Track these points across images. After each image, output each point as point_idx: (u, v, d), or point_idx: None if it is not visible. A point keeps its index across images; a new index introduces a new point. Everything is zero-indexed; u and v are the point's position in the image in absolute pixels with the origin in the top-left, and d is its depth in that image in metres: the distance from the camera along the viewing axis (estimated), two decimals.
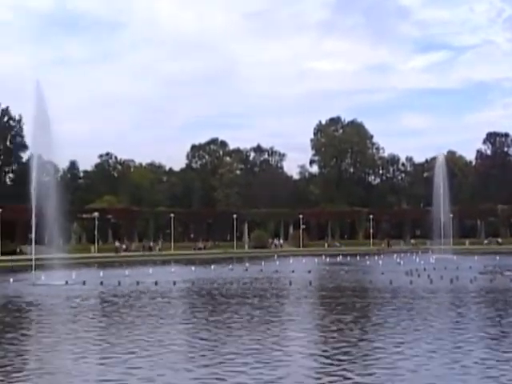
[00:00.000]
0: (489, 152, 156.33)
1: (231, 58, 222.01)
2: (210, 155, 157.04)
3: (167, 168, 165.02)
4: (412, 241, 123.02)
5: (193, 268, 61.00)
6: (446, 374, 16.65)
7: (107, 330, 24.64)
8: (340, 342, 21.29)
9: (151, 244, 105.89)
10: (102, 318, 28.34)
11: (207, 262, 70.89)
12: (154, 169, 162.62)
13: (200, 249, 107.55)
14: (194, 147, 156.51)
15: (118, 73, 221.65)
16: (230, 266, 63.56)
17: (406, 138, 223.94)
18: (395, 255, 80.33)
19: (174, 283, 43.76)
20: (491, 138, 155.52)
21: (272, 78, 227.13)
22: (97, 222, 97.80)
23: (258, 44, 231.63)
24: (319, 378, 16.49)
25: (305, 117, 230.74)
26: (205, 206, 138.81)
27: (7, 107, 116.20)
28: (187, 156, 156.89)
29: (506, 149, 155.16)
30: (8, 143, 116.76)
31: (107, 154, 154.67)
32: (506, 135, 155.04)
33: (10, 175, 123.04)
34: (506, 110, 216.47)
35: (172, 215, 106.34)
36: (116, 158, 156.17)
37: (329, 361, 18.46)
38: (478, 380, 16.03)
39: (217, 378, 16.45)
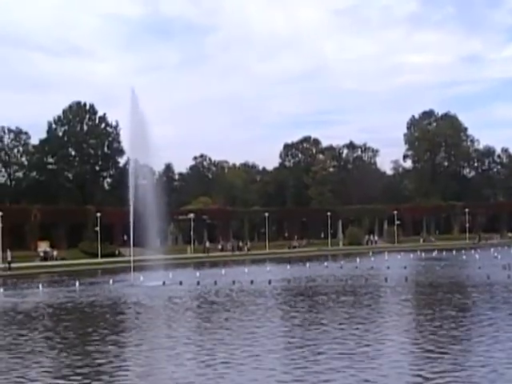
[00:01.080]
0: None
1: (322, 56, 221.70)
2: (303, 153, 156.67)
3: (260, 167, 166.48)
4: (509, 234, 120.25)
5: (288, 266, 61.36)
6: None
7: (208, 331, 25.22)
8: (439, 339, 21.32)
9: (240, 244, 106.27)
10: (202, 319, 28.91)
11: (302, 260, 71.12)
12: (248, 169, 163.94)
13: (295, 247, 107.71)
14: (286, 146, 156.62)
15: (210, 75, 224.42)
16: (325, 264, 63.69)
17: (501, 129, 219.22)
18: (492, 249, 79.01)
19: (270, 282, 44.18)
20: None
21: (363, 74, 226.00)
22: (192, 223, 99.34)
23: (348, 40, 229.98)
24: (417, 376, 16.64)
25: (397, 111, 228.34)
26: (298, 204, 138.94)
27: (104, 114, 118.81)
28: (280, 155, 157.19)
29: None
30: (106, 149, 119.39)
31: (201, 155, 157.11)
32: None
33: (108, 180, 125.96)
34: None
35: (266, 214, 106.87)
36: (210, 159, 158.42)
37: (428, 359, 18.53)
38: None
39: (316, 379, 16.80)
